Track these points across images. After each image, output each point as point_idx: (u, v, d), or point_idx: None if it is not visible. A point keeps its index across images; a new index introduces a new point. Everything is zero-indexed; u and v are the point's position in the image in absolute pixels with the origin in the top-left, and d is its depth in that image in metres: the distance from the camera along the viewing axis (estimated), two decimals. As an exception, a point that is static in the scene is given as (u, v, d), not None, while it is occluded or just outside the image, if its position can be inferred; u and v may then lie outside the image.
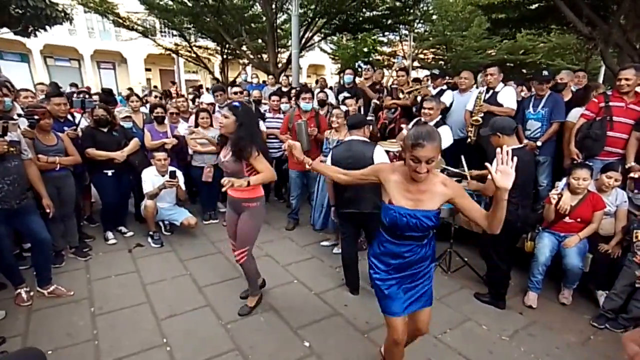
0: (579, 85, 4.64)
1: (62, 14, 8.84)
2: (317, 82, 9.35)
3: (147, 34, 13.33)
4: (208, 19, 11.39)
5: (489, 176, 1.57)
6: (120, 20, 12.50)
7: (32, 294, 3.01)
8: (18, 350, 1.27)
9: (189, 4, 11.01)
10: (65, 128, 3.74)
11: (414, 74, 12.37)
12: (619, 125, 3.46)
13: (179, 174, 4.17)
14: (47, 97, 3.87)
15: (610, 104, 3.54)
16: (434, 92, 4.73)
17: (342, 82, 6.64)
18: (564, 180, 3.12)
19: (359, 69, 5.43)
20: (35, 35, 9.36)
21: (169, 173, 4.05)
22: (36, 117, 3.16)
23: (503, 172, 1.50)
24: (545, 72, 4.03)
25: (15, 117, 3.33)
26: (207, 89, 9.88)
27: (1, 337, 2.50)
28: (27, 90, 4.04)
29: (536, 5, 7.59)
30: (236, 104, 2.62)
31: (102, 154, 3.85)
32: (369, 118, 4.92)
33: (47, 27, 9.00)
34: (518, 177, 2.72)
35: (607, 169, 3.17)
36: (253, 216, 2.71)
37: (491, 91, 4.13)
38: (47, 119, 3.31)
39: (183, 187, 4.26)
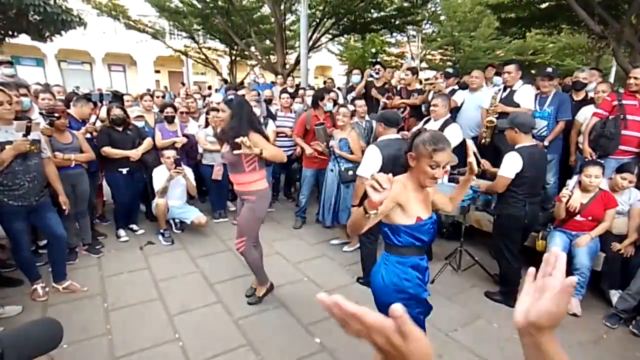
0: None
1: (77, 19, 9.04)
2: (324, 83, 9.38)
3: (157, 36, 13.52)
4: (217, 21, 11.53)
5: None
6: (132, 23, 12.70)
7: (47, 289, 3.07)
8: (36, 320, 1.28)
9: (199, 6, 11.15)
10: (82, 128, 3.83)
11: (421, 75, 12.33)
12: (633, 123, 3.44)
13: (188, 171, 4.25)
14: (67, 100, 4.03)
15: (623, 102, 3.51)
16: (446, 91, 4.72)
17: (350, 82, 6.66)
18: (575, 178, 3.08)
19: (371, 77, 5.44)
20: (52, 40, 9.57)
21: (174, 162, 4.11)
22: (57, 114, 3.24)
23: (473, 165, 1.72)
24: (549, 69, 4.00)
25: (37, 115, 3.42)
26: (216, 90, 9.98)
27: (18, 331, 2.56)
28: (46, 91, 4.14)
29: (546, 4, 7.53)
30: (230, 97, 2.68)
31: (117, 152, 3.92)
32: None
33: (63, 32, 9.20)
34: (528, 174, 2.77)
35: (623, 169, 3.13)
36: (249, 209, 2.77)
37: (508, 90, 4.02)
38: (64, 118, 3.39)
39: (193, 181, 4.32)
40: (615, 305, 2.87)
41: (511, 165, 2.82)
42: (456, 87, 4.93)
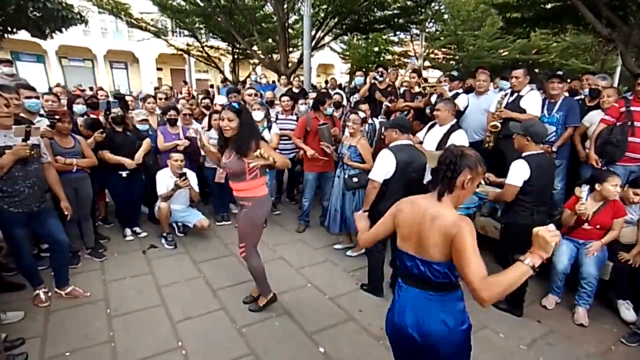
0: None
1: (78, 16, 8.97)
2: (326, 82, 9.33)
3: (160, 35, 13.46)
4: (220, 19, 11.45)
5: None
6: (134, 21, 12.64)
7: (50, 294, 3.05)
8: None
9: (201, 5, 11.07)
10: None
11: (424, 74, 12.24)
12: (640, 130, 3.39)
13: (191, 174, 4.21)
14: (69, 101, 3.99)
15: (632, 108, 3.46)
16: (449, 94, 4.67)
17: (353, 84, 6.61)
18: (587, 187, 2.99)
19: (374, 80, 5.38)
20: (52, 37, 9.49)
21: (179, 175, 4.08)
22: (57, 117, 3.21)
23: None
24: (559, 73, 3.94)
25: (38, 118, 3.39)
26: (218, 89, 9.95)
27: (20, 338, 2.54)
28: (51, 94, 4.12)
29: (552, 4, 7.44)
30: (235, 104, 2.64)
31: (115, 158, 3.89)
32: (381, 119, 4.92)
33: (63, 29, 9.12)
34: (536, 183, 2.73)
35: (637, 184, 3.07)
36: (247, 215, 2.74)
37: (515, 94, 3.94)
38: (67, 123, 3.36)
39: (196, 188, 4.29)
40: (635, 322, 2.80)
41: (518, 173, 2.78)
42: (460, 90, 4.88)
